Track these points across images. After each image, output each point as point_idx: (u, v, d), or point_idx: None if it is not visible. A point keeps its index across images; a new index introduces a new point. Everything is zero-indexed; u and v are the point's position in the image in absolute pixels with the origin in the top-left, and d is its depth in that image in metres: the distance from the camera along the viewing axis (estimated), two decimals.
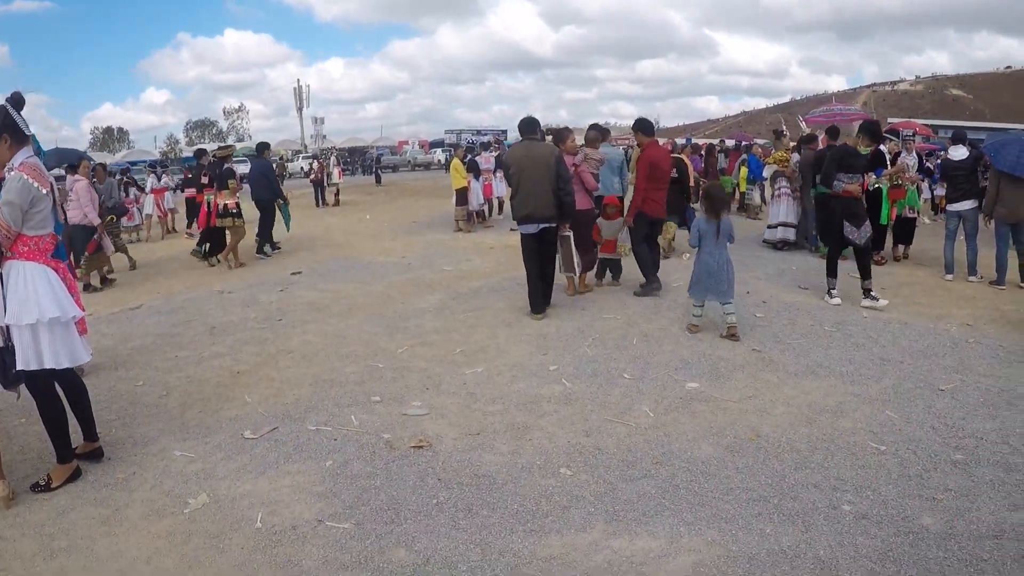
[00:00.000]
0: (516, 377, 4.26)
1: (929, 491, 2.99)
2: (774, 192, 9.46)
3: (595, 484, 2.96)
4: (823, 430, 3.57)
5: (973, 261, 7.39)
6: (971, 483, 3.07)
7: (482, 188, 12.29)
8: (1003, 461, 3.26)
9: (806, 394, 4.04)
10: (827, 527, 2.71)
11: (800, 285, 6.98)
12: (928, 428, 3.64)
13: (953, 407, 3.92)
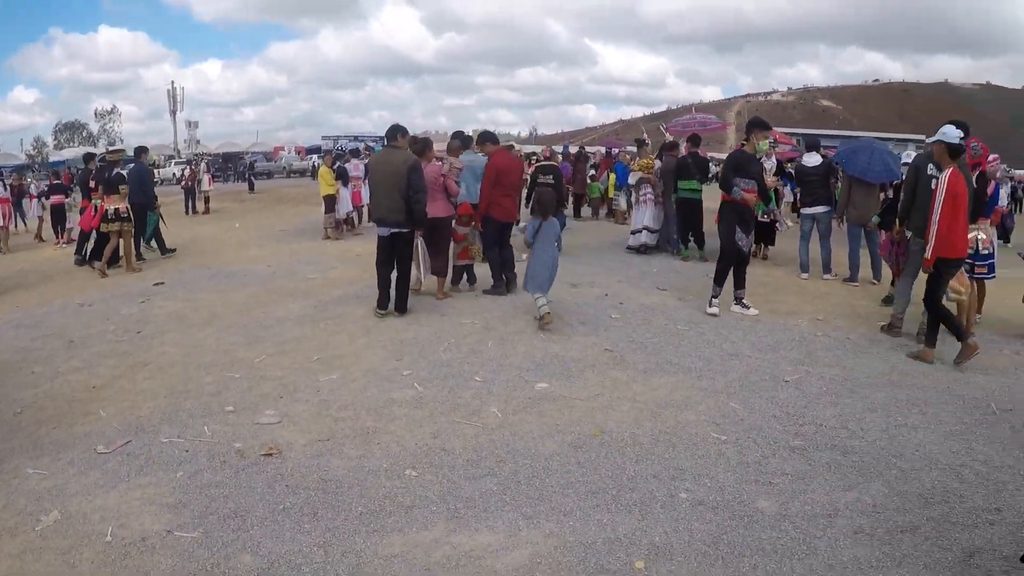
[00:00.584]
0: (369, 383, 5.21)
1: (766, 476, 3.80)
2: (638, 198, 11.92)
3: (439, 484, 3.71)
4: (667, 423, 4.48)
5: (827, 260, 9.55)
6: (808, 467, 3.92)
7: (351, 195, 14.77)
8: (840, 445, 4.21)
9: (653, 390, 5.07)
10: (663, 514, 3.41)
11: (659, 287, 8.62)
12: (770, 417, 4.61)
13: (796, 397, 5.00)
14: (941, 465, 4.04)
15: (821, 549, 3.16)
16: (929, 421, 4.70)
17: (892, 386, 5.40)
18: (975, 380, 5.62)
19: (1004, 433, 4.57)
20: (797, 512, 3.46)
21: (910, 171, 6.89)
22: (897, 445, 4.29)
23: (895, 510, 3.52)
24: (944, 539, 3.28)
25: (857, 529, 3.32)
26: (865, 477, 3.87)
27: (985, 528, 3.39)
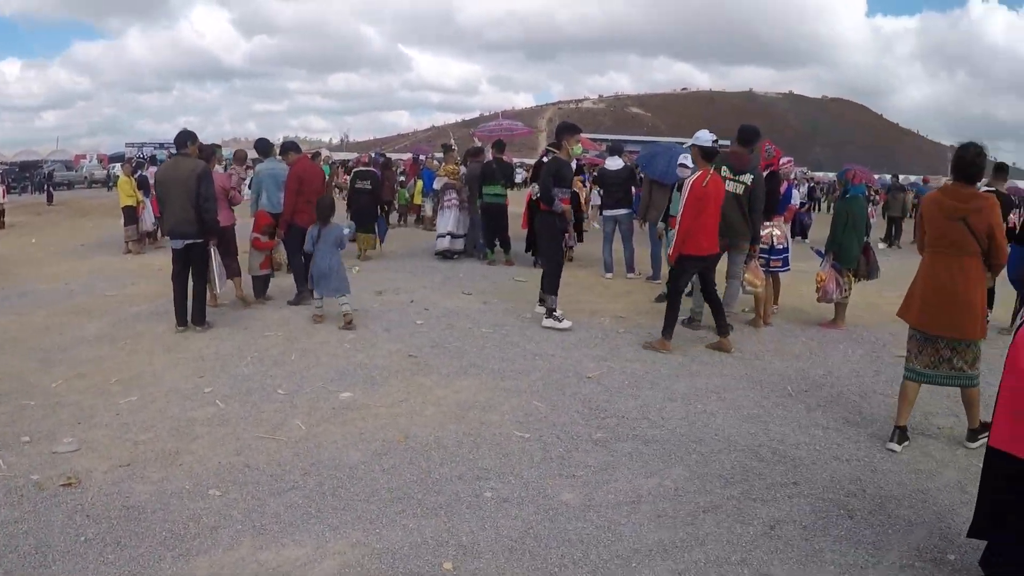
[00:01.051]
0: (171, 402, 5.79)
1: (570, 469, 4.51)
2: (443, 203, 13.61)
3: (244, 501, 4.18)
4: (471, 425, 5.20)
5: (630, 260, 11.59)
6: (611, 458, 4.70)
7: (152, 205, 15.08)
8: (642, 435, 5.10)
9: (457, 393, 5.88)
10: (469, 514, 3.98)
11: (464, 291, 10.00)
12: (573, 413, 5.45)
13: (598, 392, 5.94)
14: (740, 447, 5.00)
15: (626, 535, 3.83)
16: (727, 407, 5.78)
17: (692, 376, 6.51)
18: (771, 366, 6.93)
19: (800, 414, 5.72)
20: (601, 502, 4.15)
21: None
22: (697, 431, 5.26)
23: (696, 492, 4.32)
24: (745, 515, 4.09)
25: (660, 513, 4.04)
26: (666, 463, 4.70)
27: (784, 501, 4.27)
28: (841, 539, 3.96)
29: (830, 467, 4.86)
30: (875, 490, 4.56)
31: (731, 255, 8.19)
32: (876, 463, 4.97)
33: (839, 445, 5.23)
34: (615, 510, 4.14)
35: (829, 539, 3.95)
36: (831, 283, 8.48)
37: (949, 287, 5.03)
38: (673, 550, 3.75)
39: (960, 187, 5.08)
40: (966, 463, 5.05)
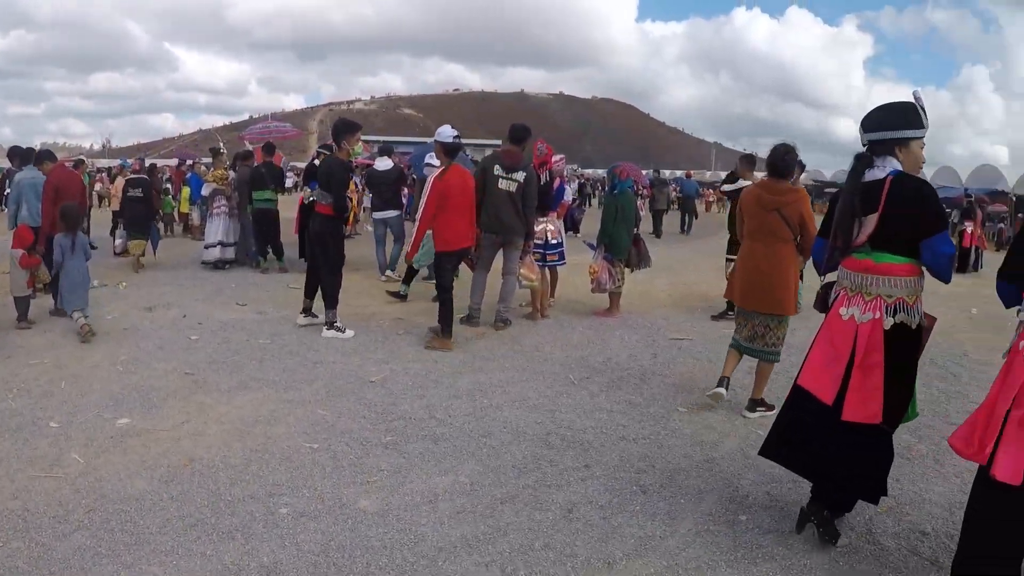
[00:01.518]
0: None
1: (364, 476, 4.36)
2: (212, 210, 12.96)
3: (28, 550, 3.72)
4: (257, 441, 4.92)
5: (395, 259, 11.48)
6: (403, 460, 4.60)
7: None
8: (431, 434, 5.04)
9: (239, 409, 5.55)
10: (267, 533, 3.75)
11: (238, 302, 9.48)
12: (360, 418, 5.30)
13: (383, 395, 5.82)
14: (529, 437, 5.07)
15: (428, 535, 3.74)
16: (513, 399, 5.85)
17: (475, 372, 6.55)
18: (552, 357, 7.12)
19: (584, 400, 5.90)
20: (399, 504, 4.05)
21: (478, 171, 8.45)
22: (485, 425, 5.27)
23: (491, 484, 4.32)
24: (542, 502, 4.13)
25: (459, 509, 3.99)
26: (459, 460, 4.67)
27: (579, 484, 4.36)
28: (637, 514, 4.08)
29: (618, 447, 5.03)
30: (664, 464, 4.77)
31: (506, 251, 8.32)
32: (662, 439, 5.21)
33: (624, 426, 5.43)
34: (414, 511, 4.04)
35: (626, 515, 4.06)
36: (604, 274, 8.87)
37: (766, 270, 5.63)
38: (477, 544, 3.71)
39: (774, 182, 5.71)
40: (745, 431, 5.43)
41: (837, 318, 3.82)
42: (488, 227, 8.18)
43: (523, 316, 8.91)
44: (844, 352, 3.73)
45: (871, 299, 3.71)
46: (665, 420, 5.61)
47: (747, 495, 4.40)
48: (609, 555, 3.67)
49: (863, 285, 3.75)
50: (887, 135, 3.79)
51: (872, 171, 3.80)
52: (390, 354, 7.10)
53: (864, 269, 3.76)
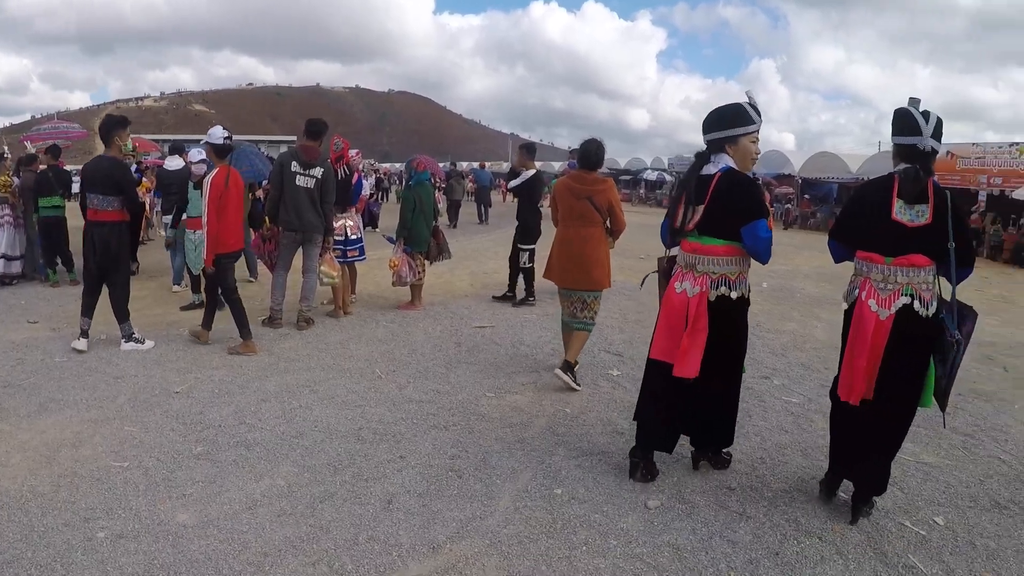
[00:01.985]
0: None
1: (178, 490, 4.29)
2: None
3: None
4: (64, 466, 4.67)
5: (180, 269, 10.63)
6: (216, 469, 4.56)
7: None
8: (243, 440, 5.02)
9: (42, 433, 5.21)
10: (87, 560, 3.60)
11: (29, 320, 8.82)
12: (168, 431, 5.18)
13: (190, 405, 5.70)
14: (341, 434, 5.17)
15: (251, 541, 3.77)
16: (322, 398, 5.92)
17: (282, 374, 6.54)
18: (358, 353, 7.22)
19: (393, 393, 6.05)
20: (218, 514, 4.02)
21: (275, 167, 8.29)
22: (296, 426, 5.31)
23: (309, 484, 4.39)
24: (361, 496, 4.25)
25: (279, 512, 4.04)
26: (273, 463, 4.69)
27: (395, 476, 4.51)
28: (455, 497, 4.30)
29: (430, 436, 5.23)
30: (476, 448, 5.01)
31: (306, 249, 8.27)
32: (472, 424, 5.46)
33: (434, 415, 5.64)
34: (234, 520, 4.03)
35: (444, 500, 4.27)
36: (404, 267, 9.01)
37: (578, 251, 6.30)
38: (301, 544, 3.78)
39: (585, 173, 6.41)
40: (552, 411, 5.80)
41: (673, 292, 4.42)
42: (287, 225, 8.11)
43: (326, 314, 8.91)
44: (680, 322, 4.33)
45: (699, 275, 4.32)
46: (474, 406, 5.86)
47: (559, 470, 4.71)
48: (432, 540, 3.84)
49: (693, 264, 4.36)
50: (717, 135, 4.38)
51: (708, 167, 4.40)
52: (193, 362, 6.93)
53: (693, 250, 4.38)
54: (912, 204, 3.90)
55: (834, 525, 4.15)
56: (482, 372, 6.77)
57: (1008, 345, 8.93)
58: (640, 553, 3.78)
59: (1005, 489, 4.75)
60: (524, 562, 3.67)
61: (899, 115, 4.06)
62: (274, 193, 8.14)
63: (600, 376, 6.76)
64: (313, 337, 7.89)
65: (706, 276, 4.31)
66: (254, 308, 9.08)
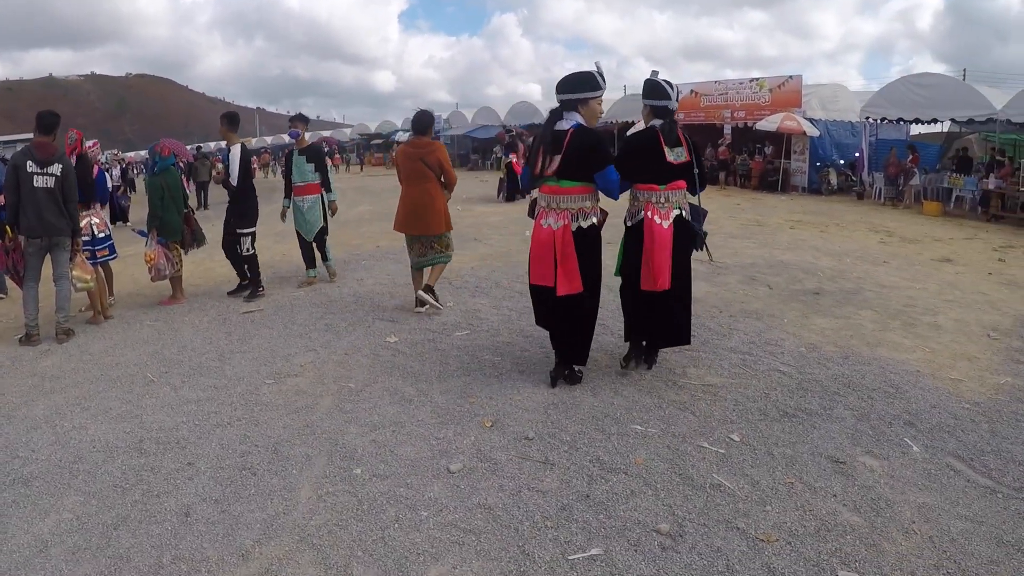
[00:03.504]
0: None
1: None
2: None
3: None
4: None
5: None
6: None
7: None
8: (19, 476, 4.40)
9: None
10: None
11: None
12: None
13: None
14: (122, 449, 4.70)
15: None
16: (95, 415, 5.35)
17: (47, 395, 5.82)
18: (125, 358, 6.63)
19: (168, 396, 5.60)
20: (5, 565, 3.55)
21: (9, 171, 7.21)
22: (73, 451, 4.76)
23: (98, 512, 3.97)
24: (155, 514, 3.90)
25: (73, 549, 3.62)
26: (56, 496, 4.18)
27: (187, 485, 4.18)
28: (254, 497, 4.08)
29: (216, 436, 4.91)
30: (265, 440, 4.79)
31: (54, 255, 7.33)
32: (256, 416, 5.19)
33: (216, 412, 5.30)
34: (26, 568, 3.54)
35: (243, 502, 4.04)
36: (161, 259, 8.35)
37: (420, 203, 7.39)
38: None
39: (418, 139, 7.49)
40: (336, 388, 5.64)
41: (540, 228, 5.15)
42: (30, 232, 7.13)
43: (86, 322, 8.06)
44: (549, 251, 5.06)
45: (561, 212, 5.08)
46: (255, 396, 5.59)
47: (354, 448, 4.59)
48: (240, 547, 3.63)
49: (555, 203, 5.10)
50: (570, 96, 5.05)
51: (561, 123, 5.07)
52: None
53: (553, 192, 5.10)
54: (673, 147, 5.20)
55: (635, 458, 4.31)
56: (258, 359, 6.45)
57: (768, 265, 9.69)
58: (453, 520, 3.75)
59: (789, 399, 5.17)
60: (338, 551, 3.55)
61: (651, 85, 5.31)
62: (11, 198, 7.12)
63: (379, 346, 6.66)
64: (75, 349, 7.09)
65: (567, 211, 5.07)
66: (7, 326, 8.15)
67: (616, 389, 5.32)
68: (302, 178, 9.22)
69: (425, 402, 5.27)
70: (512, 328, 6.95)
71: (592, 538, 3.53)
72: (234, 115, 8.92)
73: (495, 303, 7.90)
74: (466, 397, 5.32)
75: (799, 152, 22.91)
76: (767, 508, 3.77)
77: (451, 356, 6.24)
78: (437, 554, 3.48)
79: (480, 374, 5.77)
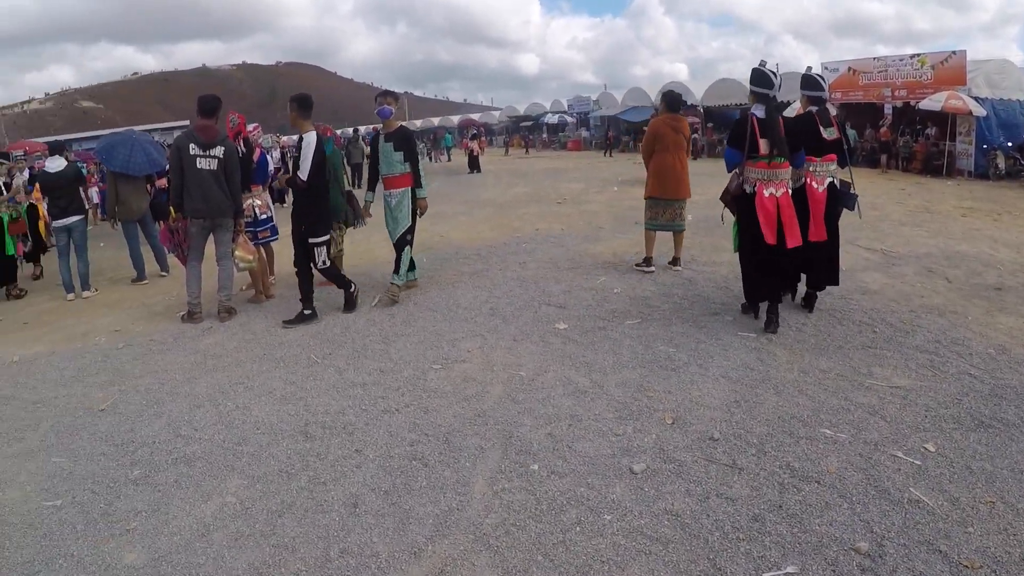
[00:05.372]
0: None
1: (120, 524, 3.77)
2: None
3: None
4: None
5: (85, 275, 9.87)
6: (158, 494, 4.04)
7: None
8: (182, 456, 4.45)
9: None
10: None
11: None
12: (99, 456, 4.56)
13: (118, 422, 5.07)
14: (287, 432, 4.69)
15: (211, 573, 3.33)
16: (258, 395, 5.39)
17: (211, 372, 5.97)
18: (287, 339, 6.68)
19: (333, 378, 5.57)
20: (168, 547, 3.54)
21: (173, 153, 7.48)
22: (236, 432, 4.78)
23: (262, 497, 3.92)
24: (322, 502, 3.82)
25: (236, 535, 3.58)
26: (219, 479, 4.18)
27: (355, 473, 4.10)
28: (425, 490, 3.91)
29: (384, 422, 4.79)
30: (435, 430, 4.61)
31: (217, 235, 7.57)
32: (425, 403, 5.04)
33: (383, 398, 5.19)
34: (187, 551, 3.54)
35: (414, 494, 3.87)
36: None
37: (679, 169, 8.44)
38: (267, 569, 3.35)
39: (673, 115, 8.59)
40: (507, 376, 5.41)
41: (763, 197, 6.06)
42: (194, 212, 7.40)
43: (247, 301, 8.28)
44: (774, 214, 6.01)
45: (779, 182, 6.11)
46: (422, 381, 5.44)
47: (530, 442, 4.36)
48: (412, 543, 3.46)
49: (774, 176, 6.10)
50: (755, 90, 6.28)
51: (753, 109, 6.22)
52: (115, 374, 6.21)
53: (769, 166, 6.10)
54: (826, 127, 6.38)
55: (827, 466, 3.91)
56: (423, 343, 6.32)
57: (944, 256, 8.94)
58: (639, 526, 3.47)
59: (984, 406, 4.60)
60: (517, 554, 3.31)
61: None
62: (176, 180, 7.42)
63: (548, 332, 6.40)
64: (238, 327, 7.26)
65: (783, 182, 6.14)
66: (170, 304, 8.49)
67: (800, 387, 4.87)
68: (389, 168, 7.99)
69: (600, 394, 4.97)
70: (684, 317, 6.53)
71: (787, 554, 3.22)
72: (305, 97, 7.52)
73: (665, 290, 7.49)
74: (643, 391, 4.99)
75: (964, 133, 21.03)
76: (969, 530, 3.35)
77: (624, 346, 5.90)
78: (623, 563, 3.22)
79: (656, 366, 5.42)
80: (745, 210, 6.22)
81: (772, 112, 6.13)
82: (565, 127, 47.80)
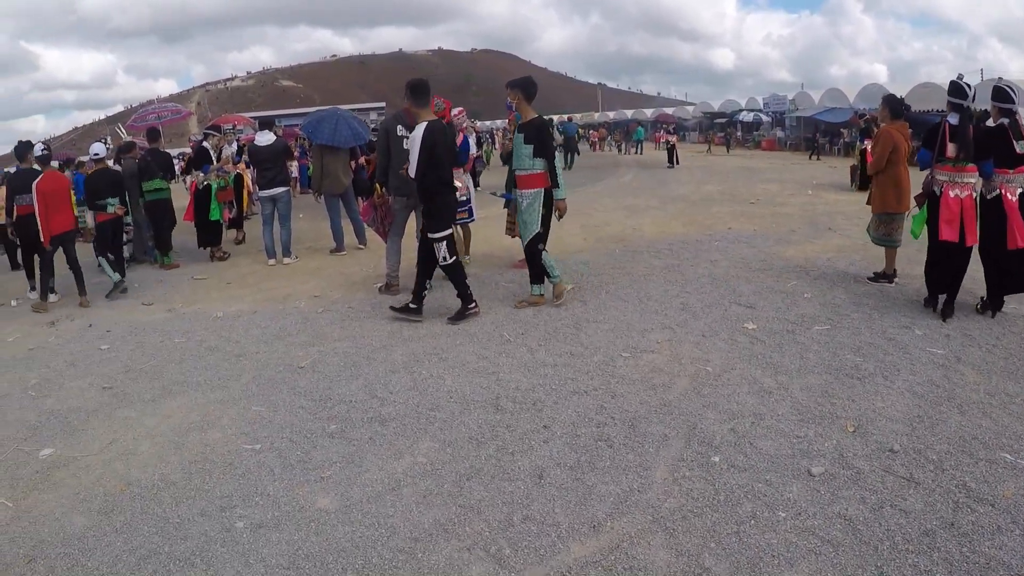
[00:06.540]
0: None
1: (316, 472, 4.10)
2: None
3: None
4: (194, 451, 4.56)
5: (287, 242, 10.93)
6: (352, 448, 4.36)
7: None
8: (376, 415, 4.81)
9: (168, 418, 5.14)
10: (228, 553, 3.45)
11: (144, 302, 8.92)
12: (297, 409, 5.01)
13: (317, 380, 5.54)
14: (478, 403, 4.91)
15: (398, 526, 3.55)
16: (452, 366, 5.67)
17: (406, 342, 6.34)
18: (481, 316, 6.96)
19: (524, 356, 5.76)
20: (360, 497, 3.82)
21: (380, 134, 8.12)
22: (430, 398, 5.08)
23: (452, 460, 4.15)
24: (509, 471, 3.99)
25: (425, 492, 3.81)
26: (411, 439, 4.47)
27: (542, 447, 4.24)
28: (608, 469, 3.99)
29: (572, 402, 4.91)
30: (622, 414, 4.68)
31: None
32: (613, 388, 5.12)
33: (573, 379, 5.32)
34: (378, 502, 3.82)
35: (597, 472, 3.96)
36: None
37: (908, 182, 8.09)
38: (452, 527, 3.55)
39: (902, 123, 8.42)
40: (693, 370, 5.40)
41: (949, 197, 6.49)
42: (398, 190, 7.89)
43: (442, 277, 8.61)
44: (956, 215, 6.42)
45: (964, 185, 6.52)
46: (611, 367, 5.52)
47: (713, 435, 4.36)
48: (592, 518, 3.56)
49: (959, 178, 6.50)
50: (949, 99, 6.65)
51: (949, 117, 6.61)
52: (314, 336, 6.80)
53: (956, 170, 6.50)
54: (1018, 140, 6.32)
55: (1004, 490, 3.66)
56: (613, 331, 6.40)
57: None
58: (812, 527, 3.42)
59: None
60: (691, 539, 3.36)
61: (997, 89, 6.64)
62: (382, 160, 7.97)
63: (736, 331, 6.30)
64: (433, 302, 7.59)
65: (968, 185, 6.51)
66: (367, 275, 9.05)
67: (985, 410, 4.56)
68: (520, 165, 7.24)
69: (785, 396, 4.88)
70: (873, 328, 6.23)
71: (953, 572, 3.09)
72: (419, 84, 7.20)
73: (856, 299, 7.15)
74: (827, 396, 4.85)
75: None
76: None
77: (811, 350, 5.73)
78: (792, 559, 3.20)
79: (841, 373, 5.25)
80: (931, 208, 6.68)
81: (964, 120, 6.53)
82: (760, 125, 46.33)
